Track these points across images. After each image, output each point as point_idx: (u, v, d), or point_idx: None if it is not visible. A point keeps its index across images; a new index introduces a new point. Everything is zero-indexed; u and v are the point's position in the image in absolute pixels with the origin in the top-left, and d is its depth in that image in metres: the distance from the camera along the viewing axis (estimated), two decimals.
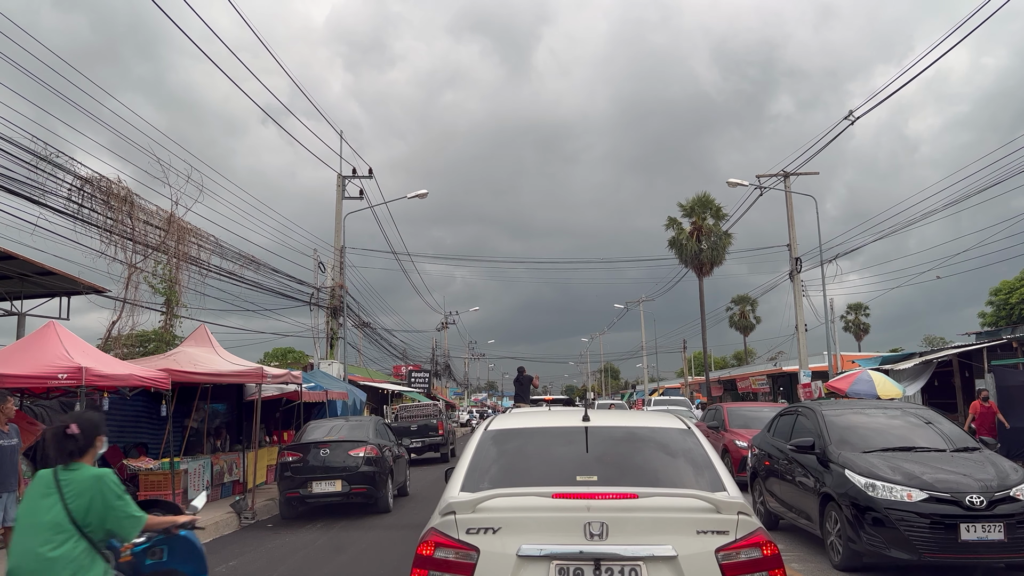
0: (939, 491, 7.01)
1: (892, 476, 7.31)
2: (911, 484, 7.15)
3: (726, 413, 16.52)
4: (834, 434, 8.37)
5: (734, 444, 14.72)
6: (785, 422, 9.99)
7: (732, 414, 16.42)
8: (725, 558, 3.40)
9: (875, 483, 7.29)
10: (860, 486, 7.36)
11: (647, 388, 67.86)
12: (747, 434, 14.58)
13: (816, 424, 8.74)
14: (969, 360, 22.38)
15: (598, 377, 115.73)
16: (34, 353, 9.45)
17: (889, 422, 8.73)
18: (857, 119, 22.98)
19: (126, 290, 16.24)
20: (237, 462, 14.99)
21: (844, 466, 7.72)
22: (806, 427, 9.02)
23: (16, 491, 8.03)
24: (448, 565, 3.47)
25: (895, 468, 7.44)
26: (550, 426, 4.63)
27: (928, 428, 8.57)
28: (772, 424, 10.49)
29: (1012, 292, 40.23)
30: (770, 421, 10.73)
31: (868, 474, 7.42)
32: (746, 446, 14.20)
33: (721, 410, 17.06)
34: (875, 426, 8.61)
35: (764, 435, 10.63)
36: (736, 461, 14.18)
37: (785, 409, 10.64)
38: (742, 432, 14.84)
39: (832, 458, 7.98)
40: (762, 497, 10.13)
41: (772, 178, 29.67)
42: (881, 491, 7.20)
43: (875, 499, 7.19)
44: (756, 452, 10.76)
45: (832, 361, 29.66)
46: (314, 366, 24.98)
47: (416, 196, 28.58)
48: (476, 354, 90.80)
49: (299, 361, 33.60)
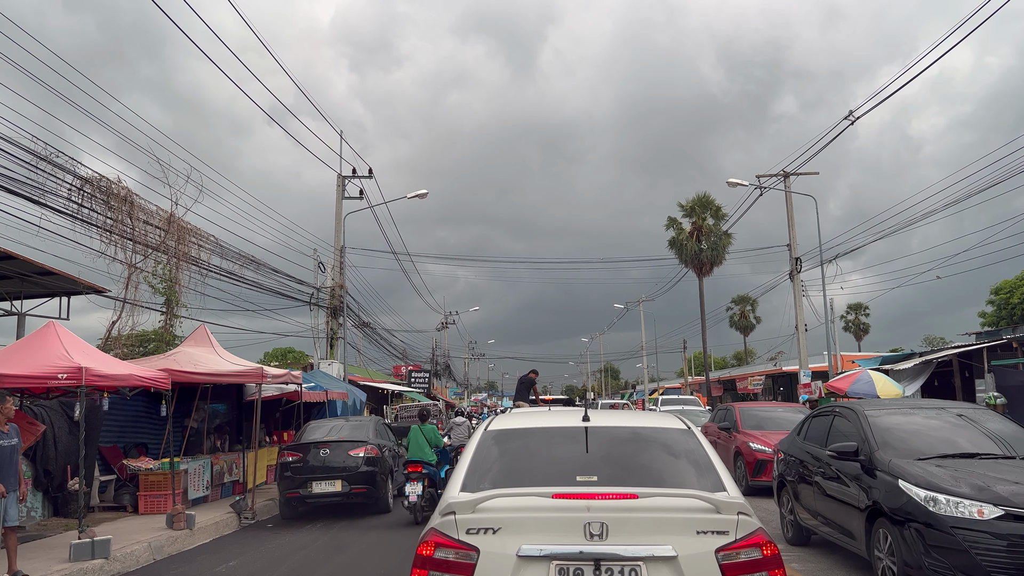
0: (1018, 507, 5.86)
1: (957, 488, 6.18)
2: (982, 498, 6.00)
3: (738, 413, 15.60)
4: (880, 438, 7.33)
5: (748, 447, 13.89)
6: (819, 424, 8.92)
7: (745, 414, 15.58)
8: (725, 558, 3.39)
9: (937, 496, 6.18)
10: (919, 500, 6.26)
11: (647, 388, 67.84)
12: (761, 435, 14.01)
13: (858, 426, 7.71)
14: (969, 360, 22.38)
15: (598, 377, 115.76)
16: (34, 353, 9.45)
17: (941, 424, 7.71)
18: (857, 119, 23.01)
19: (126, 290, 16.25)
20: (237, 462, 15.00)
21: (896, 476, 6.66)
22: (845, 430, 8.00)
23: (16, 491, 8.03)
24: (448, 565, 3.47)
25: (959, 478, 6.35)
26: (550, 426, 4.63)
27: (987, 430, 7.52)
28: (803, 427, 9.45)
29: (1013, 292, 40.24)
30: (800, 423, 9.69)
31: (928, 485, 6.32)
32: (762, 448, 13.52)
33: (732, 410, 16.05)
34: (927, 428, 7.61)
35: (793, 439, 9.54)
36: (750, 465, 13.62)
37: (819, 410, 9.52)
38: (755, 433, 14.20)
39: (880, 466, 6.96)
40: (791, 508, 9.11)
41: (772, 178, 29.69)
42: (945, 506, 6.08)
43: (938, 516, 6.07)
44: (783, 458, 9.65)
45: (832, 361, 29.66)
46: (314, 366, 24.99)
47: (416, 196, 28.61)
48: (476, 354, 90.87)
49: (299, 361, 33.60)
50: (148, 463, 13.09)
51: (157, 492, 12.45)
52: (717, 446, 14.61)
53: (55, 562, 8.52)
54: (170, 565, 9.36)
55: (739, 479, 13.44)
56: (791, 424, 14.96)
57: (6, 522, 7.82)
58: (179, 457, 12.96)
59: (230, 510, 12.42)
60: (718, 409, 19.09)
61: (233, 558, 9.58)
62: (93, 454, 12.24)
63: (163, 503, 12.16)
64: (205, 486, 13.75)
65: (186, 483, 12.84)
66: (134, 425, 14.82)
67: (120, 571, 8.87)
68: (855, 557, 7.88)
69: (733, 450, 14.52)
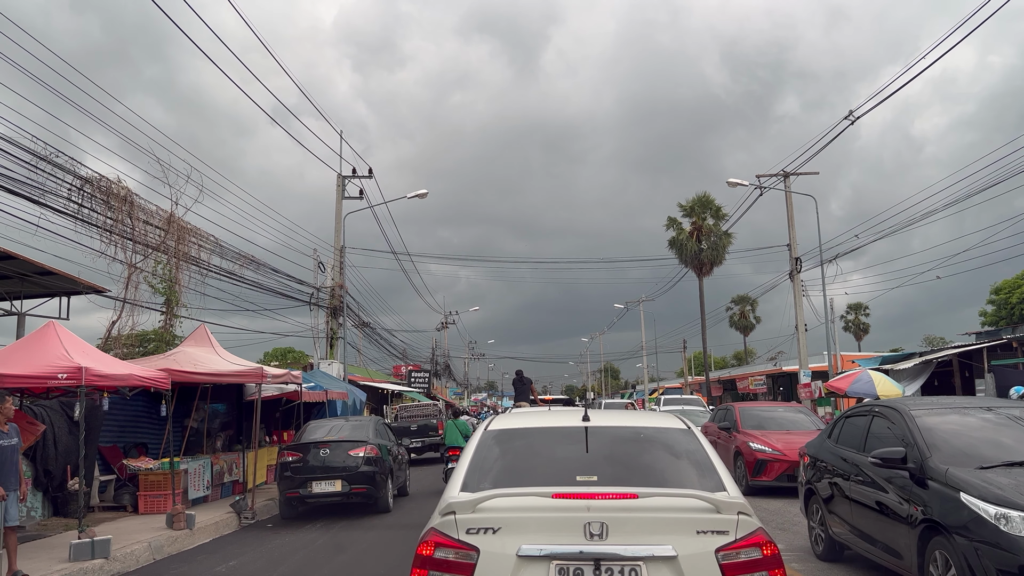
0: None
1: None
2: None
3: (738, 413, 15.55)
4: (931, 442, 6.46)
5: (748, 446, 13.93)
6: (854, 426, 8.04)
7: (745, 414, 15.54)
8: (725, 558, 3.40)
9: (1008, 514, 5.33)
10: (987, 517, 5.40)
11: (647, 388, 67.87)
12: (761, 435, 14.09)
13: (904, 429, 6.83)
14: (969, 360, 22.41)
15: (598, 377, 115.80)
16: (34, 353, 9.45)
17: (997, 426, 6.81)
18: (857, 118, 23.01)
19: (126, 290, 16.25)
20: (237, 462, 15.00)
21: (956, 488, 5.80)
22: (888, 433, 7.13)
23: (16, 491, 8.03)
24: (448, 565, 3.47)
25: None
26: (550, 426, 4.63)
27: None
28: (835, 428, 8.61)
29: (1012, 291, 40.26)
30: (832, 424, 8.86)
31: (996, 500, 5.46)
32: (762, 448, 13.59)
33: (732, 410, 16.03)
34: (983, 431, 6.75)
35: (823, 442, 8.71)
36: (750, 465, 13.67)
37: (853, 409, 8.64)
38: (755, 433, 14.29)
39: (934, 476, 6.11)
40: (821, 519, 8.25)
41: (772, 178, 29.70)
42: (1020, 525, 5.26)
43: (1012, 537, 5.22)
44: (811, 462, 8.78)
45: (832, 361, 29.69)
46: (314, 366, 25.00)
47: (416, 196, 28.64)
48: (476, 354, 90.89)
49: (299, 361, 33.61)
50: (148, 463, 13.09)
51: (157, 492, 12.45)
52: (717, 446, 14.63)
53: (55, 562, 8.52)
54: (170, 565, 9.36)
55: (739, 479, 13.49)
56: (791, 424, 15.00)
57: (6, 522, 7.82)
58: (179, 457, 12.97)
59: (230, 510, 12.42)
60: (718, 409, 18.95)
61: (233, 558, 9.58)
62: (93, 454, 12.25)
63: (163, 503, 12.16)
64: (205, 486, 13.75)
65: (186, 483, 12.84)
66: (134, 425, 14.82)
67: (120, 571, 8.87)
68: (861, 559, 7.70)
69: (733, 450, 14.49)
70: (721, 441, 15.27)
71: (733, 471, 13.72)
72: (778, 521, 10.66)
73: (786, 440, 13.68)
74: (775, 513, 11.31)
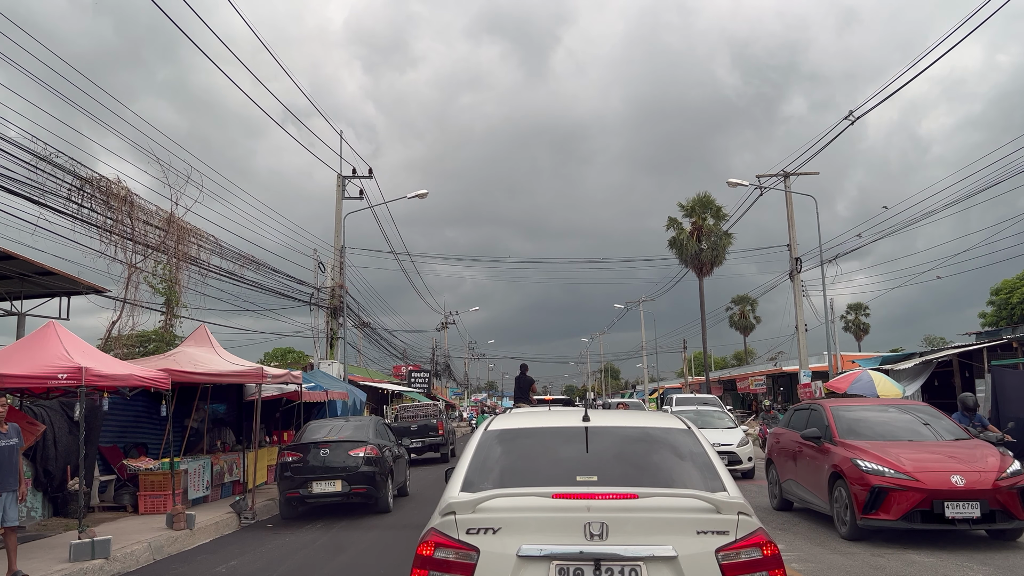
0: None
1: None
2: None
3: (831, 416, 10.24)
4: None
5: (854, 467, 8.96)
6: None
7: (841, 418, 10.20)
8: (725, 558, 3.39)
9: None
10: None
11: (647, 388, 67.86)
12: (873, 449, 9.09)
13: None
14: (969, 360, 22.38)
15: (598, 377, 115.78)
16: (34, 353, 9.45)
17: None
18: (858, 118, 22.98)
19: (126, 290, 16.24)
20: (237, 462, 15.00)
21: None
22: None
23: (16, 491, 8.03)
24: (448, 565, 3.47)
25: None
26: (550, 426, 4.63)
27: None
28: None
29: (1013, 291, 40.24)
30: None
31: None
32: (879, 470, 8.68)
33: (822, 412, 10.54)
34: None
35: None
36: (859, 496, 8.75)
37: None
38: (864, 446, 9.23)
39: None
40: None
41: (772, 178, 29.69)
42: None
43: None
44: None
45: (832, 361, 29.66)
46: (314, 366, 24.99)
47: (416, 196, 28.66)
48: (476, 354, 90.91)
49: (299, 361, 33.58)
50: (148, 463, 13.09)
51: (157, 492, 12.45)
52: (799, 463, 10.69)
53: (55, 562, 8.52)
54: (170, 565, 9.36)
55: (839, 515, 9.29)
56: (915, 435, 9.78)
57: (6, 522, 7.82)
58: (179, 457, 12.96)
59: (230, 510, 12.42)
60: (796, 409, 12.07)
61: (233, 558, 9.58)
62: (93, 454, 12.24)
63: (163, 503, 12.15)
64: (205, 486, 13.75)
65: (186, 483, 12.84)
66: (134, 425, 14.82)
67: (120, 571, 8.87)
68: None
69: (828, 470, 9.61)
70: (807, 456, 10.52)
71: (830, 501, 9.55)
72: (779, 521, 10.64)
73: (915, 458, 8.90)
74: (776, 515, 11.29)
